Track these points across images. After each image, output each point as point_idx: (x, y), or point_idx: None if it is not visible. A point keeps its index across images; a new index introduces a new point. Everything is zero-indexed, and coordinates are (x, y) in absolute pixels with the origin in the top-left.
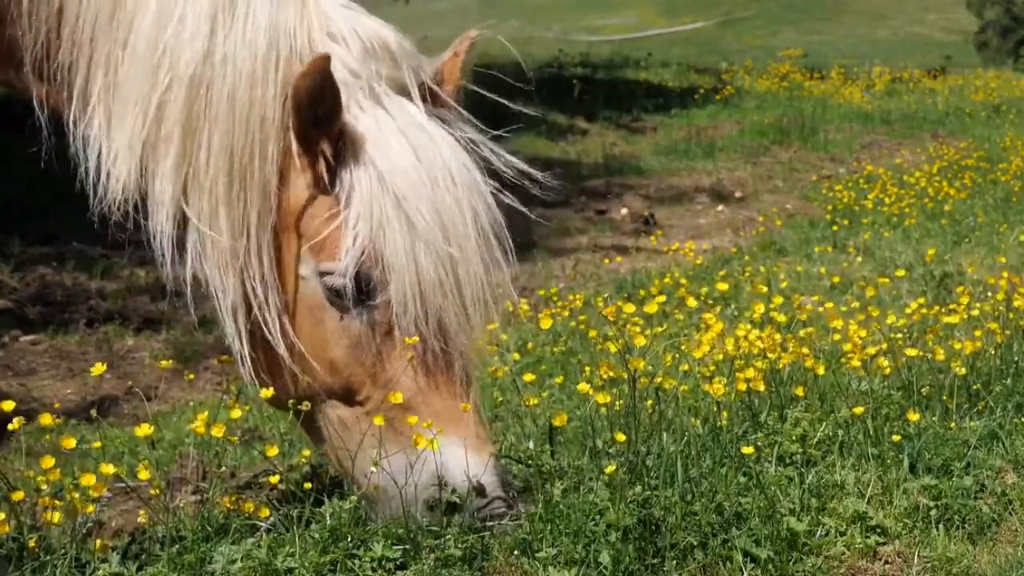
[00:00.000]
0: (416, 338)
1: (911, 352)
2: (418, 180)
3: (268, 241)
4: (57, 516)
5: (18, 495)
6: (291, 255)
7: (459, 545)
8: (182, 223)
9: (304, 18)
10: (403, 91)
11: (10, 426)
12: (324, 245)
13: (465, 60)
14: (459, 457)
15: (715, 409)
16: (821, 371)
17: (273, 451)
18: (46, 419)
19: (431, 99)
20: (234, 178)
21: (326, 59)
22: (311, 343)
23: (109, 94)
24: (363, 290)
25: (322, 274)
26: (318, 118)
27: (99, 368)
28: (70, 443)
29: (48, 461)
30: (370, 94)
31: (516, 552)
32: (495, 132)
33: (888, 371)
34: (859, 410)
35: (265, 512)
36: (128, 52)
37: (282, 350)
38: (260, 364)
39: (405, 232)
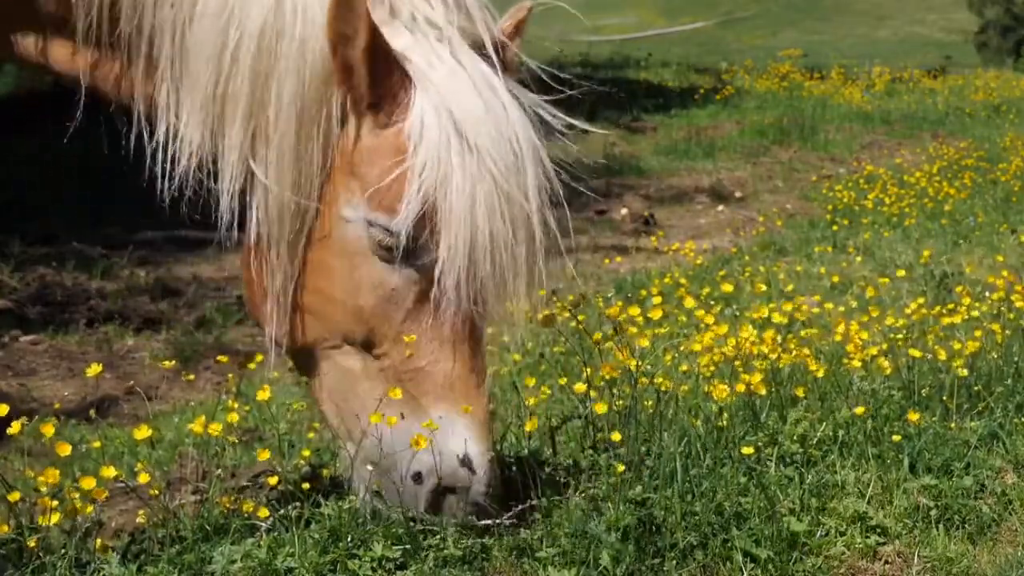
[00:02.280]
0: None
1: (912, 352)
2: (488, 134)
3: (324, 189)
4: (56, 516)
5: (14, 496)
6: (336, 194)
7: (459, 546)
8: (249, 182)
9: None
10: (476, 44)
11: (9, 430)
12: (384, 194)
13: (523, 23)
14: (460, 441)
15: (715, 409)
16: (821, 373)
17: (265, 455)
18: (48, 429)
19: (502, 55)
20: (302, 130)
21: None
22: (341, 286)
23: (178, 56)
24: (412, 247)
25: (371, 224)
26: (343, 34)
27: (95, 368)
28: (65, 449)
29: (53, 473)
30: (448, 45)
31: (516, 552)
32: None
33: (888, 371)
34: (860, 410)
35: (265, 512)
36: (198, 12)
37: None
38: (281, 307)
39: (469, 186)
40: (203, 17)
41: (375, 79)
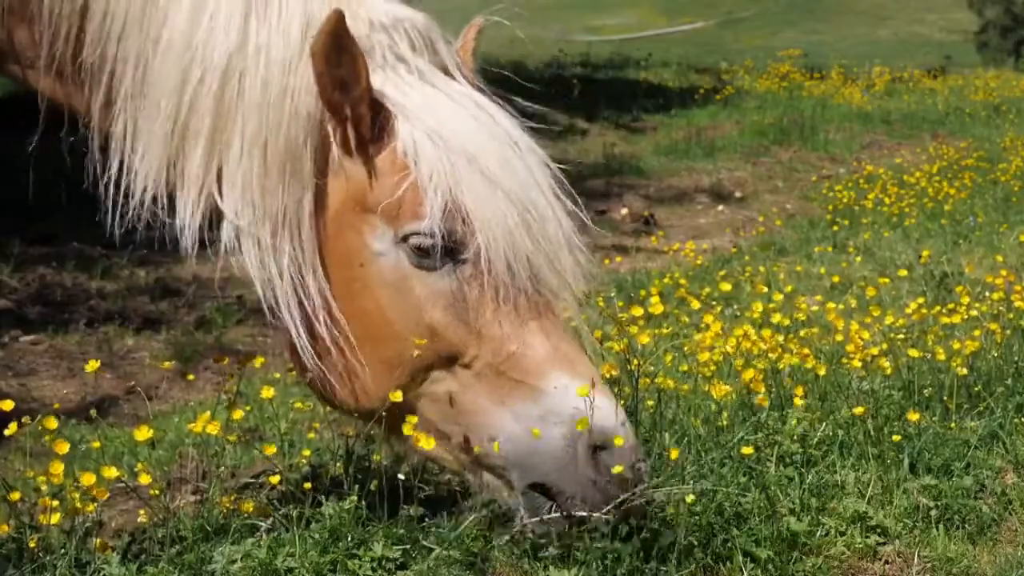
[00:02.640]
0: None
1: (912, 352)
2: (482, 140)
3: (310, 229)
4: (56, 517)
5: (15, 495)
6: (358, 238)
7: (459, 546)
8: (214, 219)
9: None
10: (445, 72)
11: (7, 431)
12: (400, 209)
13: (474, 47)
14: (599, 402)
15: (715, 409)
16: (822, 371)
17: (271, 449)
18: (51, 423)
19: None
20: (270, 168)
21: (339, 15)
22: (403, 318)
23: (139, 90)
24: (451, 245)
25: (405, 238)
26: (340, 80)
27: (93, 364)
28: (63, 447)
29: (57, 467)
30: (417, 74)
31: (516, 552)
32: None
33: (889, 371)
34: (860, 410)
35: (265, 512)
36: (162, 47)
37: (326, 336)
38: (332, 365)
39: (483, 183)
40: (168, 52)
41: (361, 118)
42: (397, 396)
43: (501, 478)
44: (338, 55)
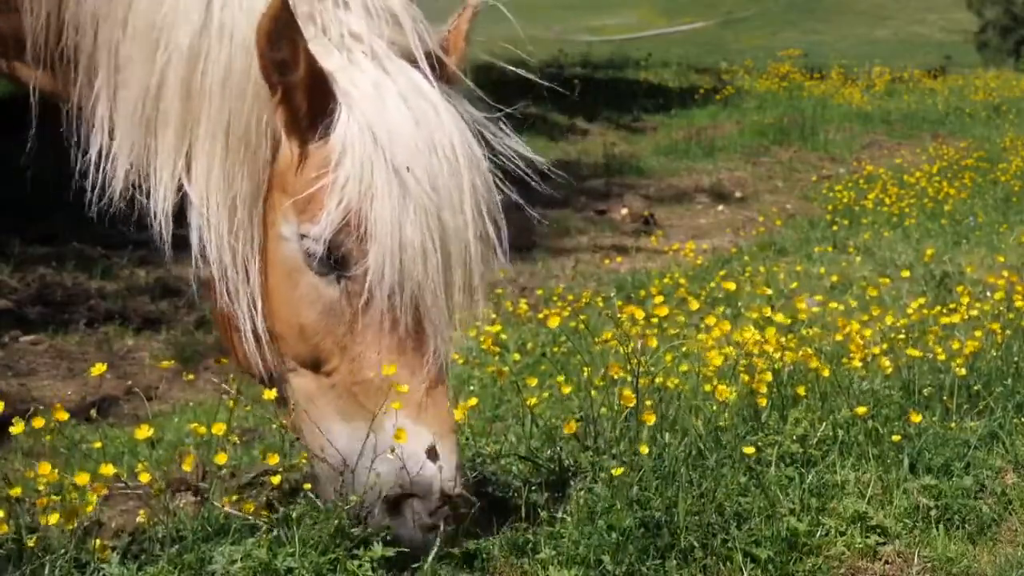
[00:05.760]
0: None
1: (912, 352)
2: (415, 147)
3: (259, 213)
4: (55, 517)
5: (15, 491)
6: (273, 216)
7: (458, 546)
8: (184, 202)
9: None
10: (408, 57)
11: (12, 430)
12: (307, 205)
13: (468, 29)
14: (421, 448)
15: (715, 409)
16: (826, 372)
17: (275, 459)
18: (61, 415)
19: (438, 68)
20: (230, 150)
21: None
22: (286, 307)
23: (112, 75)
24: (336, 258)
25: (302, 236)
26: (280, 62)
27: (99, 368)
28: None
29: (44, 467)
30: (372, 56)
31: (516, 552)
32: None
33: (889, 371)
34: (862, 410)
35: (265, 512)
36: (128, 31)
37: (246, 317)
38: (243, 338)
39: (395, 200)
40: (134, 37)
41: (312, 102)
42: (271, 395)
43: (329, 481)
44: (278, 39)
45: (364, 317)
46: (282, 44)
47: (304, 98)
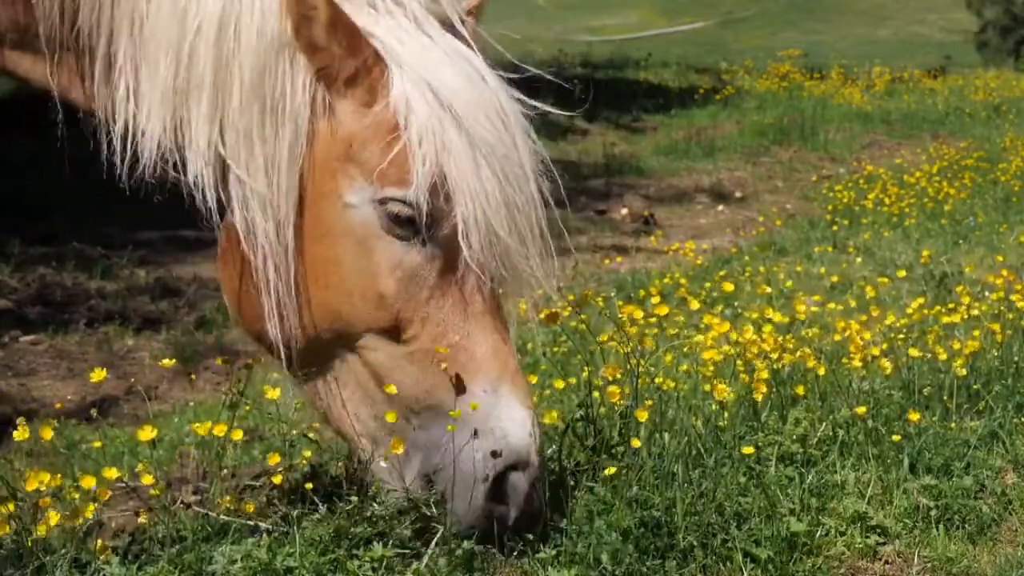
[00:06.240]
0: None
1: (912, 352)
2: (474, 102)
3: (297, 178)
4: (55, 517)
5: (11, 505)
6: (332, 184)
7: (458, 545)
8: (222, 171)
9: None
10: (444, 23)
11: (15, 435)
12: (387, 171)
13: (479, 5)
14: (521, 417)
15: (715, 408)
16: (821, 371)
17: (276, 459)
18: (47, 433)
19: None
20: (266, 114)
21: None
22: (356, 276)
23: (136, 51)
24: (429, 219)
25: (384, 200)
26: (306, 16)
27: (99, 374)
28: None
29: (43, 475)
30: (414, 21)
31: (516, 552)
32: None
33: (889, 371)
34: (862, 410)
35: (265, 512)
36: (154, 4)
37: (281, 291)
38: (283, 306)
39: (468, 156)
40: (161, 8)
41: (344, 55)
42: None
43: (400, 462)
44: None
45: (448, 278)
46: (308, 3)
47: (333, 49)
